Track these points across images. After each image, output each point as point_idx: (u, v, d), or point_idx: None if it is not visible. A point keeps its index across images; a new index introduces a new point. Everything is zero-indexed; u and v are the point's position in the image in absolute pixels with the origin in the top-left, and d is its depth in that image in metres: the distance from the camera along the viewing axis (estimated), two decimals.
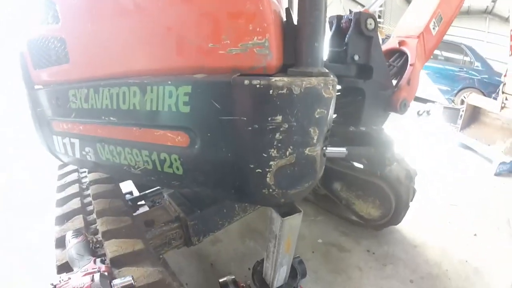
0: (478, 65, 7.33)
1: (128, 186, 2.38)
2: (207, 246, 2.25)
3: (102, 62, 1.13)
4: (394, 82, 2.02)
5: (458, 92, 7.52)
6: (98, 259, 1.11)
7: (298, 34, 0.84)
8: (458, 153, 4.55)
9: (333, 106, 0.95)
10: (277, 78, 0.79)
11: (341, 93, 1.77)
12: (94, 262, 1.09)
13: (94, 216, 1.50)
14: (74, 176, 1.98)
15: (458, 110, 5.07)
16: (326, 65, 0.93)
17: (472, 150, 4.48)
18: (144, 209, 2.17)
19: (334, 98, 0.93)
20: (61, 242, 1.28)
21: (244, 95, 0.80)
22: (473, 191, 3.36)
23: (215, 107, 0.83)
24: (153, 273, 1.11)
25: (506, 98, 4.00)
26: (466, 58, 7.65)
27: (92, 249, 1.23)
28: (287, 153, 0.87)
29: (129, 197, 2.27)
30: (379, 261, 2.20)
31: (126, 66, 1.04)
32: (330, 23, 1.74)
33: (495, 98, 4.43)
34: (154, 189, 2.31)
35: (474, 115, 4.67)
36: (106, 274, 1.03)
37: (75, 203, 1.61)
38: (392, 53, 2.22)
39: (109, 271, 1.07)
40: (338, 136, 1.84)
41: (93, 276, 0.97)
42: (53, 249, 1.30)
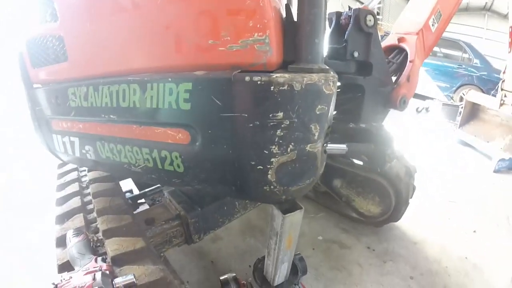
0: (477, 62, 7.34)
1: (128, 185, 2.38)
2: (208, 243, 2.25)
3: (101, 60, 1.12)
4: (393, 78, 2.02)
5: (457, 89, 7.53)
6: (99, 258, 1.11)
7: (298, 31, 0.84)
8: (457, 150, 4.56)
9: (333, 103, 0.95)
10: (278, 75, 0.78)
11: (340, 89, 1.77)
12: (96, 260, 1.08)
13: (94, 214, 1.50)
14: (74, 175, 1.97)
15: (457, 107, 5.07)
16: (325, 61, 0.93)
17: (471, 147, 4.49)
18: (144, 207, 2.16)
19: (334, 94, 0.93)
20: (61, 241, 1.28)
21: (245, 92, 0.80)
22: (472, 188, 3.37)
23: (216, 104, 0.83)
24: (154, 271, 1.11)
25: (505, 95, 4.00)
26: (465, 55, 7.64)
27: (93, 247, 1.23)
28: (289, 149, 0.87)
29: (129, 195, 2.27)
30: (379, 257, 2.21)
31: (126, 63, 1.03)
32: (329, 20, 1.73)
33: (494, 95, 4.44)
34: (154, 187, 2.30)
35: (473, 112, 4.66)
36: (107, 272, 1.03)
37: (75, 202, 1.61)
38: (391, 49, 2.22)
39: (110, 270, 1.07)
40: (338, 133, 1.84)
41: (94, 275, 0.97)
42: (53, 249, 1.29)
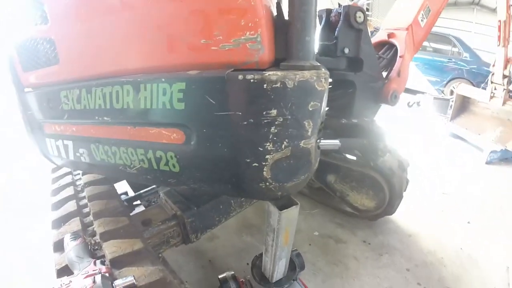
0: (466, 55, 7.43)
1: (123, 187, 2.37)
2: (205, 243, 2.25)
3: (93, 62, 1.12)
4: (384, 74, 2.04)
5: (448, 82, 7.62)
6: (98, 261, 1.11)
7: (289, 29, 0.85)
8: (449, 142, 4.63)
9: (326, 99, 0.96)
10: (270, 72, 0.79)
11: (332, 86, 1.79)
12: (94, 263, 1.08)
13: (90, 218, 1.49)
14: (68, 179, 1.96)
15: (448, 101, 5.14)
16: (316, 58, 0.94)
17: (462, 139, 4.56)
18: (140, 209, 2.16)
19: (326, 90, 0.94)
20: (59, 246, 1.27)
21: (238, 90, 0.81)
22: (465, 180, 3.43)
23: (210, 103, 0.84)
24: (153, 272, 1.11)
25: (495, 88, 4.06)
26: (454, 49, 7.73)
27: (91, 251, 1.22)
28: (283, 146, 0.88)
29: (124, 197, 2.26)
30: (375, 251, 2.24)
31: (119, 64, 1.03)
32: (320, 17, 1.75)
33: (484, 88, 4.50)
34: (149, 188, 2.30)
35: (464, 105, 4.73)
36: (107, 275, 1.03)
37: (71, 206, 1.60)
38: (381, 45, 2.24)
39: (110, 272, 1.07)
40: (330, 128, 1.86)
41: (94, 277, 0.98)
42: (51, 252, 1.29)
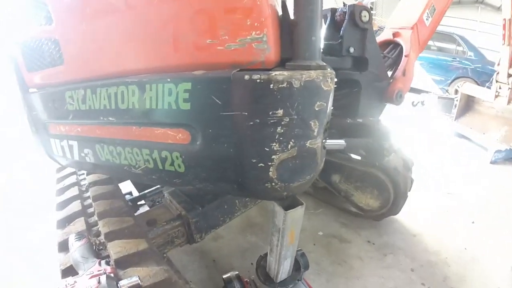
0: (471, 54, 7.37)
1: (127, 187, 2.38)
2: (209, 242, 2.25)
3: (98, 62, 1.12)
4: (389, 73, 2.03)
5: (452, 81, 7.56)
6: (103, 261, 1.11)
7: (295, 28, 0.84)
8: (454, 142, 4.60)
9: (331, 99, 0.95)
10: (277, 72, 0.79)
11: (337, 85, 1.77)
12: (99, 264, 1.09)
13: (95, 218, 1.49)
14: (72, 178, 1.96)
15: (453, 100, 5.09)
16: (321, 58, 0.93)
17: (467, 139, 4.52)
18: (144, 209, 2.17)
19: (332, 90, 0.93)
20: (64, 246, 1.27)
21: (244, 90, 0.80)
22: (469, 180, 3.40)
23: (216, 103, 0.83)
24: (158, 272, 1.11)
25: (500, 87, 4.03)
26: (459, 48, 7.67)
27: (95, 251, 1.22)
28: (289, 146, 0.87)
29: (128, 197, 2.27)
30: (380, 251, 2.23)
31: (124, 65, 1.03)
32: (325, 16, 1.74)
33: (489, 87, 4.47)
34: (153, 188, 2.30)
35: (469, 104, 4.69)
36: (112, 275, 1.03)
37: (76, 206, 1.60)
38: (386, 44, 2.23)
39: (115, 272, 1.07)
40: (335, 128, 1.85)
41: (99, 278, 0.97)
42: (53, 249, 1.30)
